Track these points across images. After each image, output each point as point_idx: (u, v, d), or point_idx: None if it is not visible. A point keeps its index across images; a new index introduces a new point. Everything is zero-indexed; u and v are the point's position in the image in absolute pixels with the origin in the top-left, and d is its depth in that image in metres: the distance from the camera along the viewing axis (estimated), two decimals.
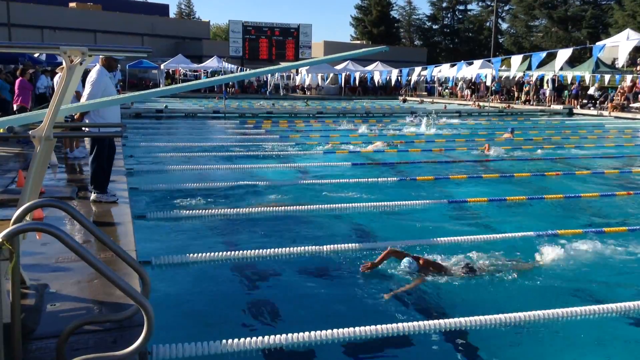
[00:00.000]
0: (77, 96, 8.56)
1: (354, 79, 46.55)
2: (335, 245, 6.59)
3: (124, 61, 39.89)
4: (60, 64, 9.29)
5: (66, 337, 3.23)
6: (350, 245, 6.68)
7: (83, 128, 7.09)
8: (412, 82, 45.66)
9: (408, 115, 26.45)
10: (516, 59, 26.34)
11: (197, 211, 8.08)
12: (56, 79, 11.41)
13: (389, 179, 11.05)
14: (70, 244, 2.91)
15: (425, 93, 47.49)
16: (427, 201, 9.10)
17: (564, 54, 22.58)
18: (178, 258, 6.04)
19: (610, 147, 16.96)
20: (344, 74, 46.05)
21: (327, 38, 75.51)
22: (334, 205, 8.76)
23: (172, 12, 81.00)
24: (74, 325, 3.29)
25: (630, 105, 29.87)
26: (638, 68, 35.09)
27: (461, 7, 72.84)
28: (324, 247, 6.55)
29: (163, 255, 6.03)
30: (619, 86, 31.82)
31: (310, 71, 45.25)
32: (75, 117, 7.46)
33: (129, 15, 55.85)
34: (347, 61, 45.42)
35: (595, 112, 30.52)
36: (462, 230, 7.59)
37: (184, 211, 8.06)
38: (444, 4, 72.30)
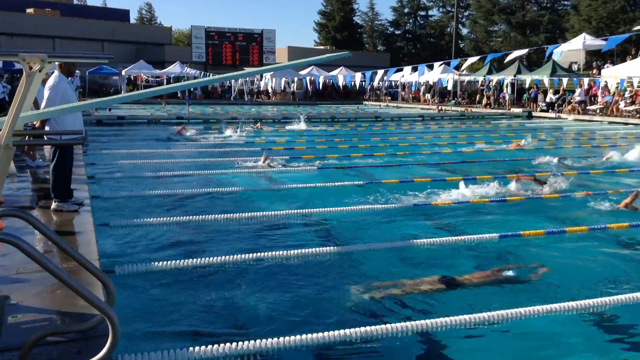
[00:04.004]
0: (36, 105, 8.38)
1: (318, 83, 46.67)
2: (304, 250, 6.61)
3: (84, 67, 39.14)
4: (18, 70, 9.10)
5: (29, 349, 3.17)
6: (318, 249, 6.70)
7: (44, 136, 6.95)
8: (375, 86, 46.06)
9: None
10: (471, 59, 27.86)
11: (162, 219, 7.97)
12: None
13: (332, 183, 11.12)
14: (32, 254, 2.86)
15: (389, 97, 47.92)
16: (394, 205, 9.19)
17: (517, 53, 24.78)
18: (143, 266, 5.96)
19: (568, 148, 17.41)
20: (308, 79, 46.17)
21: (291, 43, 75.61)
22: (302, 210, 8.78)
23: (133, 18, 80.00)
24: (37, 337, 3.23)
25: (587, 107, 30.68)
26: (594, 71, 36.05)
27: (422, 13, 73.83)
28: (292, 251, 6.55)
29: (127, 264, 5.94)
30: (577, 89, 32.62)
31: (274, 76, 45.23)
32: (35, 125, 7.31)
33: (88, 20, 54.88)
34: (312, 66, 45.55)
35: (553, 115, 31.28)
36: (427, 234, 7.70)
37: (148, 219, 7.94)
38: (406, 10, 73.20)
